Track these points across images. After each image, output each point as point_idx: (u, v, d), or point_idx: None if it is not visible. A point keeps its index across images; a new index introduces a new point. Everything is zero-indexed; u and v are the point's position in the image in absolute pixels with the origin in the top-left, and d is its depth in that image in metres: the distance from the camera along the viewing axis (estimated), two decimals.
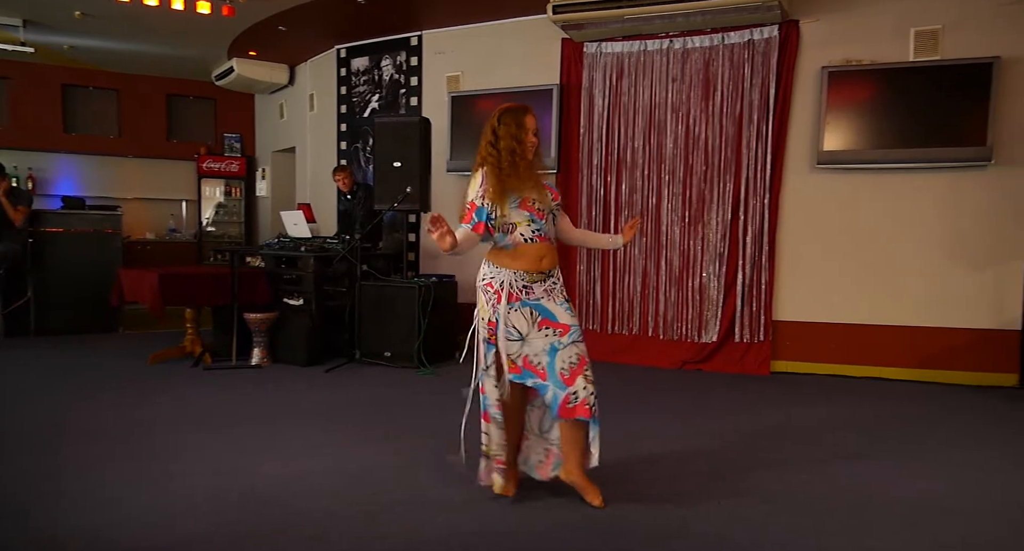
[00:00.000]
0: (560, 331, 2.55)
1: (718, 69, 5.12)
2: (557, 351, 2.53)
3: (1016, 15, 4.50)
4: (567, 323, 2.56)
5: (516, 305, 2.55)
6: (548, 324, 2.56)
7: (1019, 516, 2.55)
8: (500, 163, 2.54)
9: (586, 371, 2.54)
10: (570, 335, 2.55)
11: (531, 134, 2.59)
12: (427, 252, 6.31)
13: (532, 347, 2.54)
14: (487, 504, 2.58)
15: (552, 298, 2.58)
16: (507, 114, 2.59)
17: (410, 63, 6.31)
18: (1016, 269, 4.61)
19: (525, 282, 2.56)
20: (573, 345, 2.54)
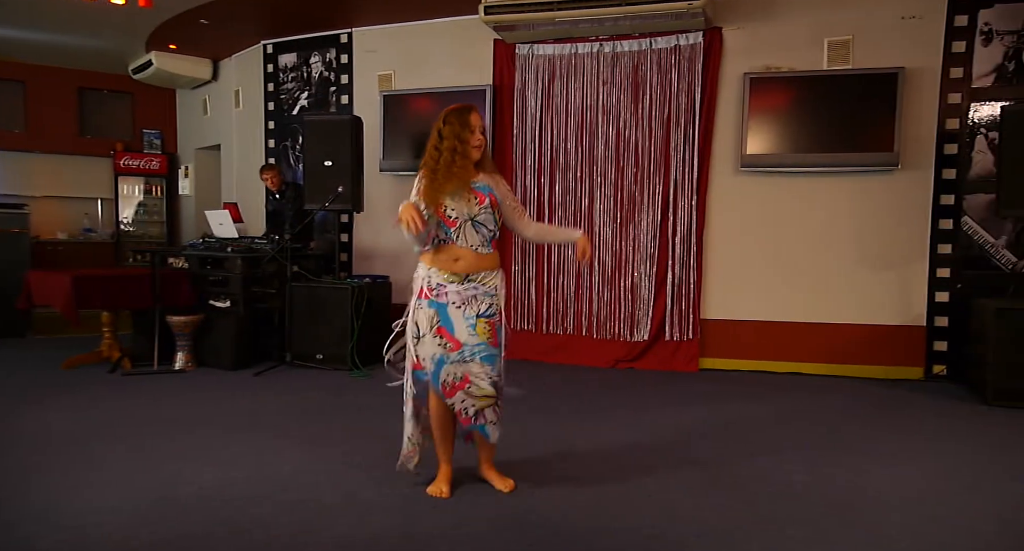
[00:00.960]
0: (451, 345, 2.55)
1: (647, 73, 5.25)
2: (444, 364, 2.56)
3: (917, 28, 4.80)
4: (461, 341, 2.53)
5: (424, 302, 2.58)
6: (443, 333, 2.56)
7: (933, 501, 2.72)
8: (438, 164, 2.53)
9: (469, 388, 2.55)
10: (459, 353, 2.53)
11: (477, 132, 2.57)
12: (360, 252, 6.21)
13: (423, 350, 2.58)
14: (420, 505, 2.56)
15: (464, 308, 2.55)
16: (452, 114, 2.59)
17: (340, 61, 6.20)
18: (922, 269, 4.92)
19: (439, 281, 2.56)
20: (460, 364, 2.54)
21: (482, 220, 2.57)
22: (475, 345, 2.54)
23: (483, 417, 2.58)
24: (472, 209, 2.55)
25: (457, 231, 2.55)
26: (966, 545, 2.31)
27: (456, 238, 2.55)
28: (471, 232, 2.57)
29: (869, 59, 4.85)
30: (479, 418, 2.58)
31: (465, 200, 2.54)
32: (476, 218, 2.56)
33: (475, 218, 2.56)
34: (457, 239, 2.55)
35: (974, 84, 4.77)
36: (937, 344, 4.91)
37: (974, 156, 4.81)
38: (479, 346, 2.54)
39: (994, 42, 4.74)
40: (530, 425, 3.60)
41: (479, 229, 2.58)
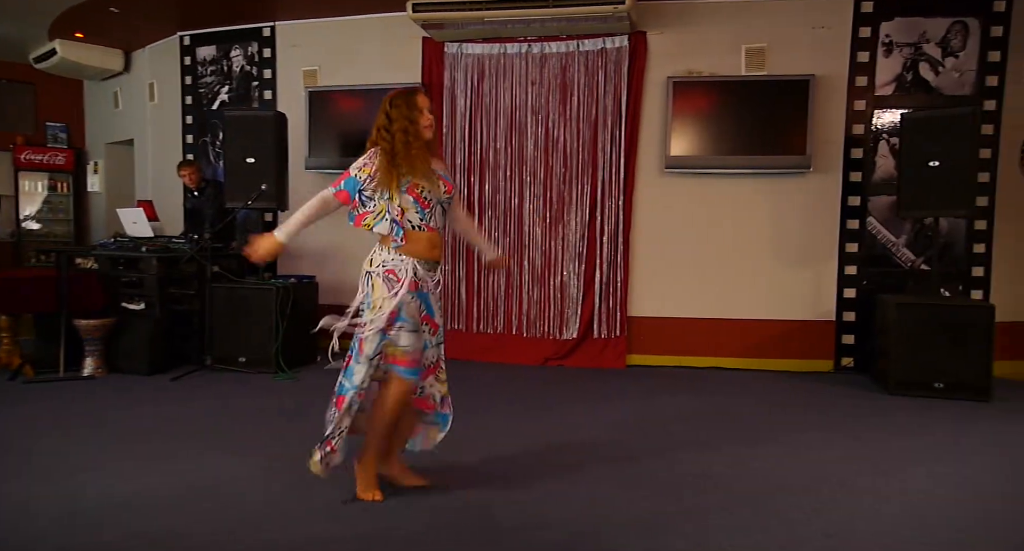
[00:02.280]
0: (432, 329, 2.60)
1: (574, 75, 5.33)
2: (427, 348, 2.60)
3: (826, 38, 5.07)
4: (438, 322, 2.63)
5: (414, 294, 2.51)
6: (427, 320, 2.58)
7: (841, 486, 2.87)
8: (393, 146, 2.47)
9: (438, 373, 2.64)
10: (438, 336, 2.63)
11: (425, 112, 2.53)
12: (286, 252, 6.02)
13: (418, 342, 2.54)
14: (350, 509, 2.52)
15: (434, 293, 2.59)
16: (398, 97, 2.55)
17: (263, 55, 6.01)
18: (831, 266, 5.19)
19: (424, 271, 2.53)
20: (438, 347, 2.65)
21: (445, 206, 2.59)
22: (441, 327, 2.65)
23: (447, 406, 2.68)
24: (439, 194, 2.53)
25: (430, 213, 2.52)
26: (870, 528, 2.45)
27: (429, 220, 2.52)
28: (439, 215, 2.57)
29: (783, 66, 5.09)
30: (444, 406, 2.67)
31: (435, 183, 2.52)
32: (442, 202, 2.56)
33: (442, 202, 2.56)
34: (430, 221, 2.52)
35: (877, 92, 5.08)
36: (845, 338, 5.20)
37: (877, 160, 5.12)
38: (442, 329, 2.66)
39: (894, 53, 5.06)
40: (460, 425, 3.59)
41: (442, 213, 2.59)
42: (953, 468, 3.06)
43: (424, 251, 2.52)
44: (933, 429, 3.68)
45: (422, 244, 2.51)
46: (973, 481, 2.91)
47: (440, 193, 2.53)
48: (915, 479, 2.91)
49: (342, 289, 5.82)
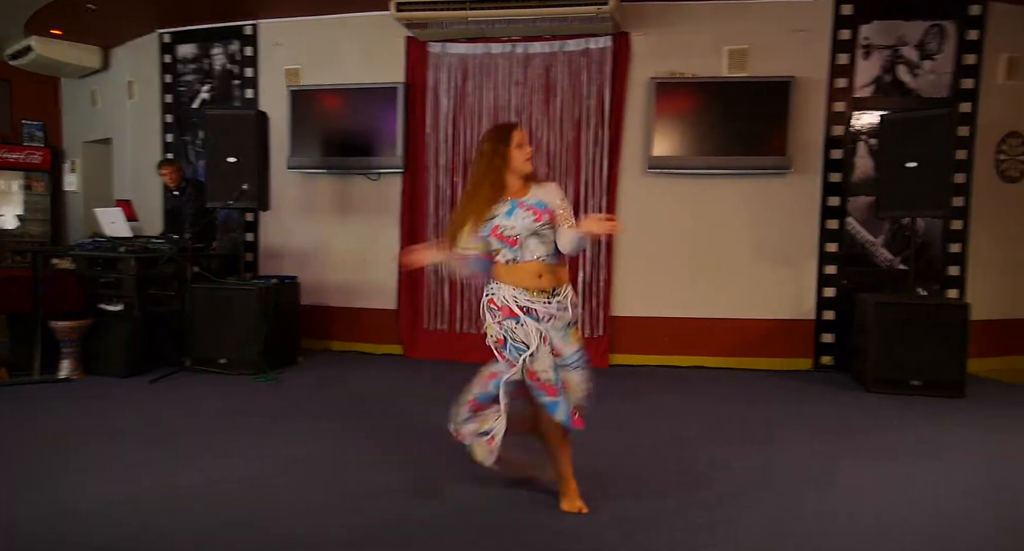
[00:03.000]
0: (554, 354, 2.50)
1: (558, 75, 5.34)
2: (557, 369, 2.49)
3: (805, 40, 5.12)
4: (559, 347, 2.51)
5: (525, 318, 2.46)
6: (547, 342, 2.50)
7: (820, 483, 2.90)
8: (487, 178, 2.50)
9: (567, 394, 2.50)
10: (562, 360, 2.50)
11: (525, 147, 2.55)
12: (267, 252, 5.99)
13: (541, 363, 2.46)
14: (337, 510, 2.51)
15: (553, 321, 2.49)
16: (493, 131, 2.60)
17: (244, 53, 5.96)
18: (811, 266, 5.25)
19: (527, 299, 2.47)
20: (562, 370, 2.51)
21: (545, 233, 2.51)
22: (572, 353, 2.54)
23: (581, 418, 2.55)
24: (532, 225, 2.48)
25: (520, 248, 2.49)
26: (850, 523, 2.48)
27: (524, 255, 2.49)
28: (536, 244, 2.50)
29: (764, 68, 5.13)
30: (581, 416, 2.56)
31: (522, 218, 2.48)
32: (539, 232, 2.49)
33: (538, 232, 2.49)
34: (524, 255, 2.49)
35: (856, 94, 5.15)
36: (825, 336, 5.26)
37: (856, 161, 5.19)
38: (576, 353, 2.55)
39: (873, 56, 5.13)
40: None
41: (543, 241, 2.51)
42: (929, 464, 3.11)
43: (526, 280, 2.48)
44: (910, 426, 3.74)
45: (517, 274, 2.49)
46: (948, 476, 2.96)
47: (526, 224, 2.47)
48: (893, 475, 2.95)
49: (324, 289, 5.81)
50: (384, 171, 5.63)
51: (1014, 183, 5.33)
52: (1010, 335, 5.39)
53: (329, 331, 5.82)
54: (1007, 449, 3.37)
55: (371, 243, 5.75)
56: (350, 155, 5.61)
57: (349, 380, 4.74)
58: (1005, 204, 5.28)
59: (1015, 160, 5.31)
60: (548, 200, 2.52)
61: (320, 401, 4.15)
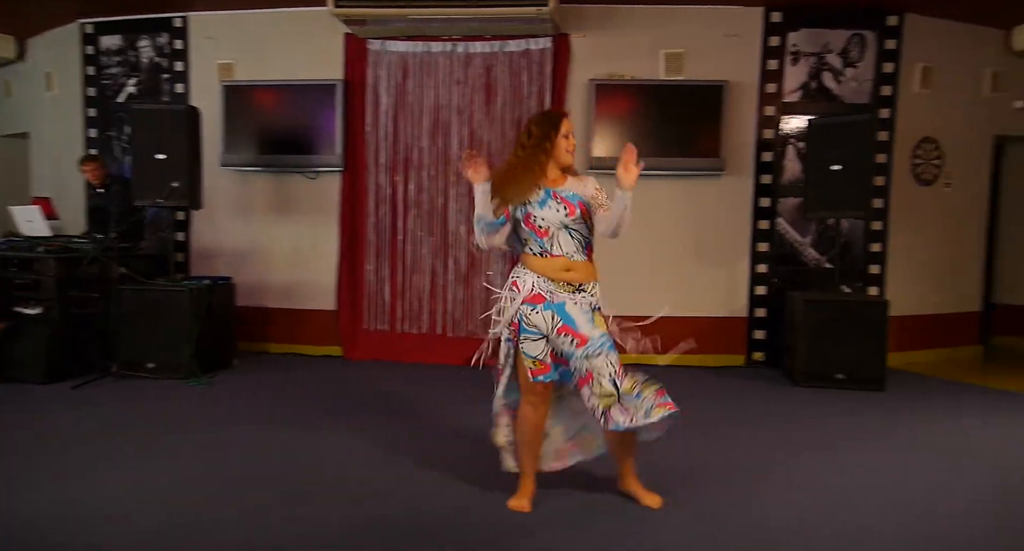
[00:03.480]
0: (577, 341, 2.46)
1: (498, 75, 5.36)
2: (572, 359, 2.48)
3: (738, 45, 5.29)
4: (586, 334, 2.47)
5: (539, 307, 2.48)
6: (567, 331, 2.48)
7: (752, 474, 3.01)
8: (526, 162, 2.49)
9: (591, 385, 2.46)
10: (586, 348, 2.46)
11: (570, 136, 2.54)
12: (200, 252, 5.79)
13: (556, 345, 2.49)
14: (271, 519, 2.45)
15: (580, 305, 2.50)
16: (544, 116, 2.58)
17: (174, 46, 5.74)
18: (744, 265, 5.43)
19: (551, 288, 2.49)
20: (585, 359, 2.47)
21: (576, 227, 2.52)
22: (599, 336, 2.48)
23: (610, 419, 2.45)
24: (563, 218, 2.48)
25: (550, 240, 2.49)
26: (780, 514, 2.59)
27: (552, 248, 2.49)
28: (566, 239, 2.50)
29: (699, 71, 5.27)
30: (607, 420, 2.46)
31: (554, 209, 2.48)
32: (570, 226, 2.50)
33: (568, 226, 2.50)
34: (552, 248, 2.49)
35: (785, 99, 5.35)
36: (757, 333, 5.45)
37: (785, 164, 5.39)
38: (603, 337, 2.49)
39: (800, 62, 5.34)
40: (392, 429, 3.56)
41: (573, 235, 2.51)
42: (850, 454, 3.27)
43: (552, 273, 2.50)
44: (834, 418, 3.91)
45: (543, 266, 2.51)
46: (868, 465, 3.11)
47: (560, 217, 2.48)
48: (818, 466, 3.09)
49: (262, 290, 5.66)
50: (323, 169, 5.53)
51: (928, 186, 5.65)
52: (926, 330, 5.70)
53: (266, 333, 5.68)
54: (921, 438, 3.57)
55: (310, 243, 5.63)
56: (287, 153, 5.48)
57: (286, 382, 4.64)
58: (920, 206, 5.59)
59: (929, 164, 5.62)
60: (583, 193, 2.52)
61: (254, 405, 4.05)
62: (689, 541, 2.33)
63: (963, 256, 5.91)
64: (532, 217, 2.50)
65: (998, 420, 3.92)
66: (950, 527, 2.45)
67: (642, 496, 2.62)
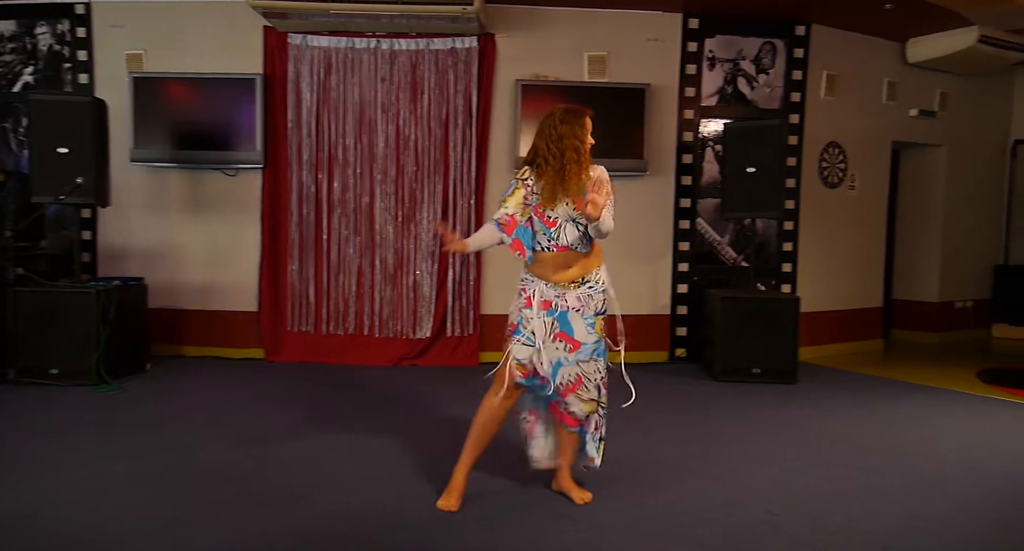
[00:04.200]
0: (570, 347, 2.52)
1: (424, 73, 5.31)
2: (561, 366, 2.50)
3: (659, 50, 5.45)
4: (579, 340, 2.52)
5: (543, 313, 2.51)
6: (563, 337, 2.50)
7: (673, 466, 3.10)
8: (563, 163, 2.48)
9: (579, 391, 2.55)
10: (577, 354, 2.52)
11: (589, 136, 2.56)
12: (108, 252, 5.48)
13: (549, 353, 2.51)
14: (184, 529, 2.35)
15: (582, 310, 2.52)
16: (569, 114, 2.56)
17: (76, 34, 5.40)
18: (667, 264, 5.60)
19: (556, 292, 2.52)
20: (576, 365, 2.54)
21: (581, 220, 2.52)
22: (593, 343, 2.55)
23: (588, 425, 2.62)
24: (570, 211, 2.50)
25: (557, 230, 2.51)
26: (696, 504, 2.68)
27: (558, 239, 2.51)
28: (572, 230, 2.52)
29: (622, 74, 5.40)
30: (586, 424, 2.62)
31: (563, 202, 2.50)
32: (576, 219, 2.51)
33: (575, 219, 2.51)
34: (559, 239, 2.51)
35: (703, 103, 5.55)
36: (679, 330, 5.63)
37: (704, 166, 5.60)
38: (596, 343, 2.56)
39: (717, 67, 5.55)
40: (312, 431, 3.48)
41: (579, 228, 2.53)
42: (764, 444, 3.43)
43: (547, 273, 2.53)
44: (750, 410, 4.09)
45: (546, 266, 2.54)
46: (780, 454, 3.27)
47: (568, 210, 2.49)
48: (734, 456, 3.22)
49: (177, 291, 5.42)
50: (242, 166, 5.34)
51: (834, 188, 5.99)
52: (834, 325, 6.04)
53: (182, 336, 5.44)
54: (829, 428, 3.78)
55: (229, 242, 5.43)
56: (204, 148, 5.26)
57: (203, 386, 4.46)
58: (827, 206, 5.92)
59: (835, 167, 5.96)
60: (590, 187, 2.51)
61: (168, 410, 3.87)
62: (607, 535, 2.38)
63: (867, 255, 6.30)
64: (543, 207, 2.53)
65: (899, 409, 4.20)
66: (858, 514, 2.61)
67: (573, 494, 2.66)
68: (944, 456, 3.26)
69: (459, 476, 2.60)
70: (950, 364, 5.71)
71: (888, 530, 2.43)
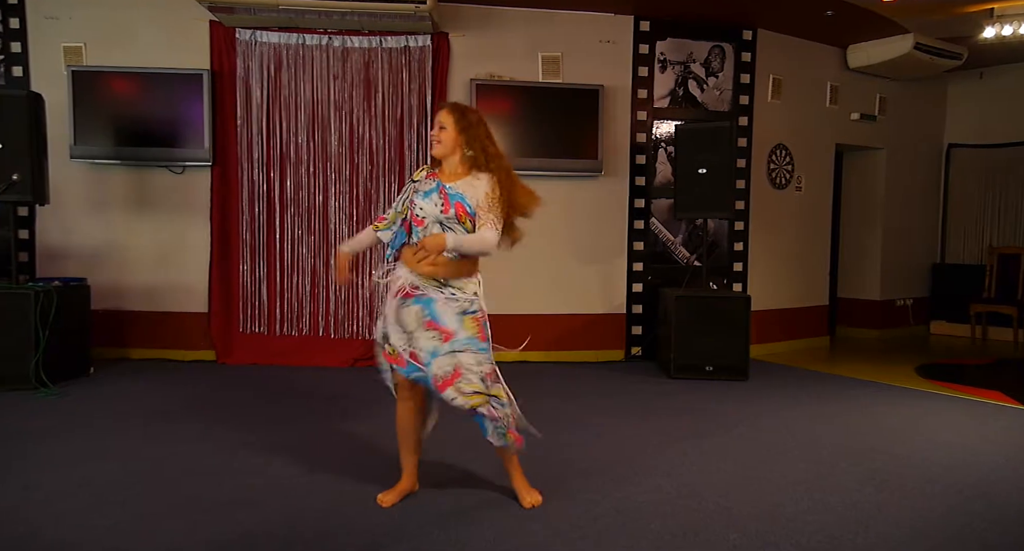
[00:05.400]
0: (443, 336, 2.44)
1: (378, 71, 5.26)
2: (436, 356, 2.42)
3: (612, 51, 5.51)
4: (450, 329, 2.44)
5: (411, 301, 2.47)
6: (433, 326, 2.44)
7: (627, 462, 3.14)
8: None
9: (459, 382, 2.41)
10: (451, 344, 2.43)
11: (437, 128, 2.56)
12: (47, 251, 5.25)
13: (419, 344, 2.45)
14: (116, 540, 2.27)
15: (449, 303, 2.47)
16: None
17: (9, 25, 5.17)
18: (622, 263, 5.67)
19: (421, 284, 2.48)
20: (451, 355, 2.43)
21: (450, 225, 2.47)
22: (466, 338, 2.47)
23: (487, 416, 2.50)
24: (438, 213, 2.46)
25: (424, 231, 2.48)
26: (651, 499, 2.72)
27: (422, 237, 2.46)
28: (438, 232, 2.45)
29: (576, 75, 5.44)
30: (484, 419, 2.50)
31: (433, 202, 2.47)
32: (443, 222, 2.46)
33: (442, 222, 2.46)
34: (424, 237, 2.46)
35: (655, 104, 5.64)
36: (634, 329, 5.71)
37: (657, 166, 5.69)
38: (471, 339, 2.47)
39: (668, 70, 5.65)
40: (261, 433, 3.41)
41: (444, 230, 2.46)
42: (717, 439, 3.50)
43: (415, 264, 2.47)
44: (703, 407, 4.18)
45: (414, 258, 2.47)
46: (732, 449, 3.35)
47: (436, 211, 2.46)
48: (688, 452, 3.28)
49: (121, 292, 5.24)
50: (190, 164, 5.19)
51: (781, 189, 6.16)
52: (783, 323, 6.22)
53: (127, 338, 5.25)
54: (779, 423, 3.88)
55: (176, 241, 5.27)
56: (148, 145, 5.09)
57: (148, 390, 4.32)
58: (775, 207, 6.08)
59: (782, 169, 6.13)
60: (469, 194, 2.48)
61: (111, 414, 3.73)
62: (559, 534, 2.38)
63: (813, 255, 6.50)
64: (415, 205, 2.52)
65: (845, 404, 4.34)
66: (807, 505, 2.68)
67: (523, 496, 2.60)
68: (886, 448, 3.39)
69: (403, 474, 2.63)
70: (891, 360, 5.93)
71: (835, 520, 2.51)
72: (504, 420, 2.52)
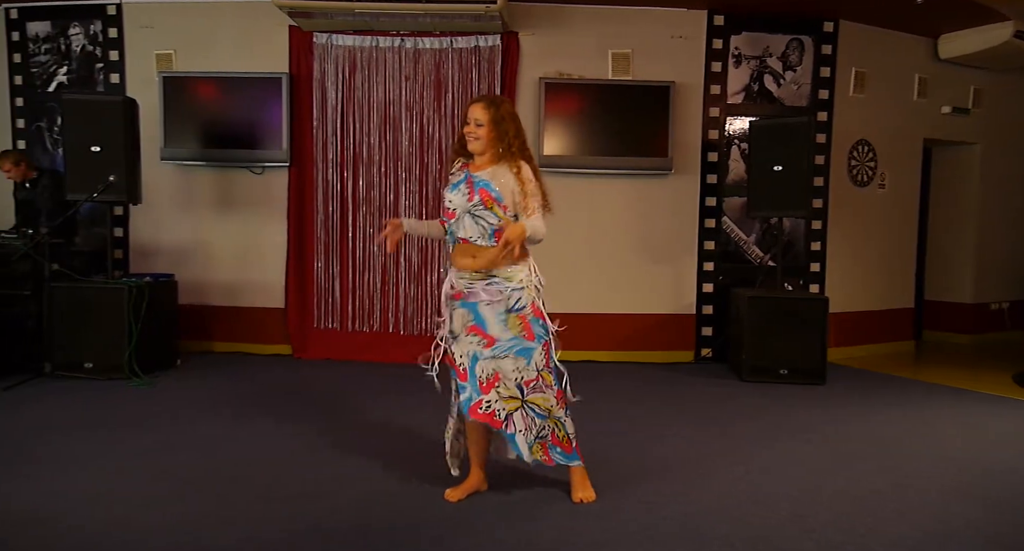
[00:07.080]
0: (485, 342, 2.49)
1: (448, 72, 5.33)
2: (477, 360, 2.48)
3: (684, 47, 5.40)
4: (494, 336, 2.48)
5: (457, 304, 2.53)
6: (476, 331, 2.49)
7: (697, 465, 3.08)
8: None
9: (498, 387, 2.47)
10: (493, 349, 2.47)
11: (466, 123, 2.60)
12: (139, 249, 5.58)
13: (460, 348, 2.52)
14: (197, 526, 2.38)
15: (493, 305, 2.48)
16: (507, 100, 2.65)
17: (108, 35, 5.51)
18: (691, 263, 5.54)
19: (465, 282, 2.52)
20: (492, 360, 2.48)
21: (479, 214, 2.49)
22: (508, 340, 2.48)
23: (512, 424, 2.49)
24: (465, 203, 2.50)
25: (457, 223, 2.52)
26: (721, 505, 2.66)
27: (458, 231, 2.52)
28: (470, 223, 2.50)
29: (647, 72, 5.36)
30: (508, 425, 2.48)
31: (461, 193, 2.51)
32: (472, 211, 2.49)
33: (471, 211, 2.49)
34: (458, 231, 2.52)
35: (729, 100, 5.48)
36: (704, 330, 5.58)
37: (730, 164, 5.53)
38: (512, 340, 2.48)
39: (743, 65, 5.48)
40: (336, 427, 3.51)
41: (477, 221, 2.50)
42: (791, 445, 3.38)
43: (458, 261, 2.54)
44: (777, 411, 4.04)
45: (455, 255, 2.55)
46: (807, 455, 3.23)
47: (463, 201, 2.50)
48: (761, 458, 3.18)
49: (206, 288, 5.50)
50: (269, 165, 5.41)
51: (864, 187, 5.88)
52: (864, 326, 5.94)
53: (211, 332, 5.52)
54: (858, 429, 3.71)
55: (256, 239, 5.50)
56: (231, 147, 5.34)
57: (232, 382, 4.52)
58: (856, 206, 5.81)
59: (864, 166, 5.85)
60: (497, 182, 2.48)
61: (198, 405, 3.93)
62: (625, 535, 2.35)
63: (897, 255, 6.18)
64: (445, 198, 2.57)
65: (930, 412, 4.11)
66: (885, 516, 2.56)
67: (575, 489, 2.61)
68: (974, 459, 3.19)
69: (471, 470, 2.66)
70: (984, 366, 5.58)
71: (916, 533, 2.38)
72: (538, 431, 2.54)
